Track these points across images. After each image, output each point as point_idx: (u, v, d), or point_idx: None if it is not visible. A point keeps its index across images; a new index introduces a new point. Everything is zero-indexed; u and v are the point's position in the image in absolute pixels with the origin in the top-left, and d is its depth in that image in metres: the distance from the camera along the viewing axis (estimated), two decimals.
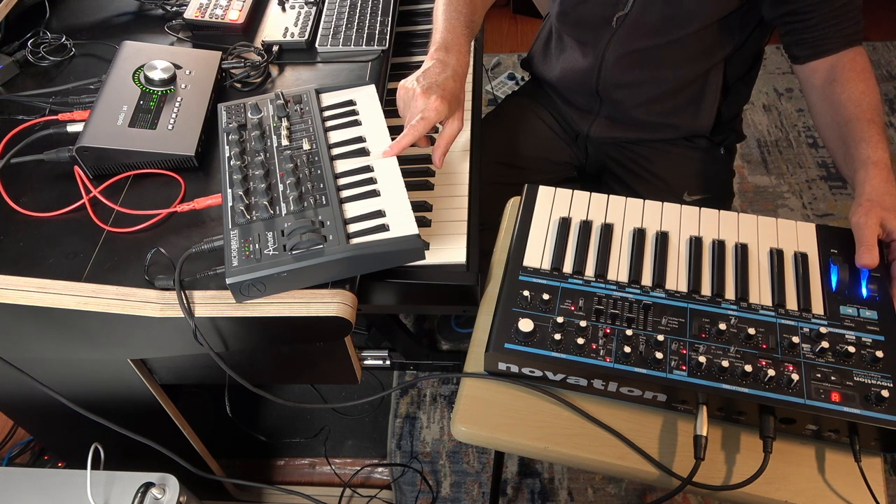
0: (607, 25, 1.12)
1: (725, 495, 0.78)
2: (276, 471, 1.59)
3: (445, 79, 0.93)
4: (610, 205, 0.96)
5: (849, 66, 0.98)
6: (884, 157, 0.89)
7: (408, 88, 0.93)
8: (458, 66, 0.96)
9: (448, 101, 0.90)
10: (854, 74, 0.97)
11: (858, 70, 0.97)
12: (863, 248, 0.83)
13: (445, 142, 0.93)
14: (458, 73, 0.95)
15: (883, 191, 0.85)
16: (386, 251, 0.79)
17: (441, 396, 1.70)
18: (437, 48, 0.98)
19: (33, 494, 0.84)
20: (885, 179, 0.86)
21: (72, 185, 0.92)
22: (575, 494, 1.52)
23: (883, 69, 2.49)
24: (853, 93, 0.95)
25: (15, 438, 1.56)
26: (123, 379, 0.99)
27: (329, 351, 0.93)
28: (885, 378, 0.77)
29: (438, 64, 0.95)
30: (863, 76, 0.97)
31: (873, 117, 0.92)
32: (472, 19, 1.05)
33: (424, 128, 0.89)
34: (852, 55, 0.99)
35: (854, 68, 0.97)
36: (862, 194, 0.86)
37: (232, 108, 0.98)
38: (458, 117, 0.94)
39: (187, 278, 0.82)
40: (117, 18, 1.25)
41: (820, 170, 2.19)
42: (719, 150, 1.25)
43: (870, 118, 0.92)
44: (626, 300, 0.84)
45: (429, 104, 0.89)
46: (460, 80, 0.96)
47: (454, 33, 1.00)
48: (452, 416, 0.87)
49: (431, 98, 0.89)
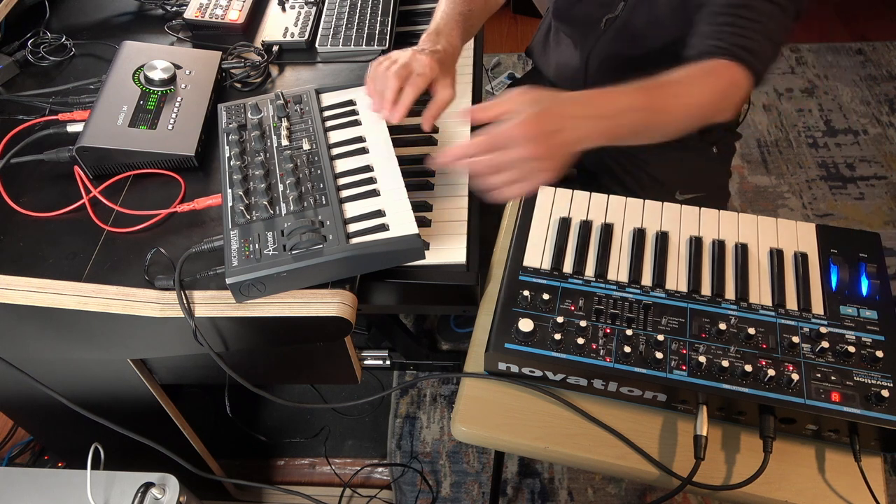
0: (596, 26, 1.13)
1: (725, 495, 0.78)
2: (276, 471, 1.59)
3: (435, 48, 0.95)
4: (610, 205, 0.96)
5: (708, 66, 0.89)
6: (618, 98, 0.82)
7: (388, 55, 0.95)
8: (448, 47, 0.98)
9: (437, 61, 0.93)
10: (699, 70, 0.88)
11: (707, 71, 0.87)
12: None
13: (437, 106, 0.94)
14: (448, 52, 0.97)
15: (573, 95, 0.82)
16: (386, 251, 0.79)
17: (441, 396, 1.70)
18: (429, 34, 1.00)
19: (33, 494, 0.84)
20: (596, 93, 0.82)
21: (72, 185, 0.92)
22: (575, 494, 1.52)
23: (883, 69, 2.49)
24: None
25: (15, 438, 1.56)
26: (123, 379, 0.99)
27: (329, 351, 0.93)
28: (885, 378, 0.77)
29: (430, 42, 0.98)
30: (703, 76, 0.87)
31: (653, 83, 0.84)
32: (468, 12, 1.06)
33: (423, 83, 0.91)
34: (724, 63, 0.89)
35: (705, 69, 0.88)
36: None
37: (232, 108, 0.98)
38: (450, 84, 0.95)
39: (187, 278, 0.82)
40: (117, 18, 1.25)
41: (820, 170, 2.19)
42: (711, 148, 1.25)
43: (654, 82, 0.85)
44: (626, 300, 0.84)
45: (421, 62, 0.92)
46: (450, 57, 0.98)
47: (447, 21, 1.02)
48: (452, 416, 0.86)
49: (422, 56, 0.92)
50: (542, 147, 0.76)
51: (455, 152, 0.81)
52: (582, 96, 0.81)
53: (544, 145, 0.76)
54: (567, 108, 0.79)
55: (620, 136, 0.82)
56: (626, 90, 0.82)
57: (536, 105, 0.78)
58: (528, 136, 0.76)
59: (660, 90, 0.83)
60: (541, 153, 0.77)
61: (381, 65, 0.95)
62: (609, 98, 0.82)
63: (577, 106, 0.80)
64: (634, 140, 0.86)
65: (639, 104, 0.82)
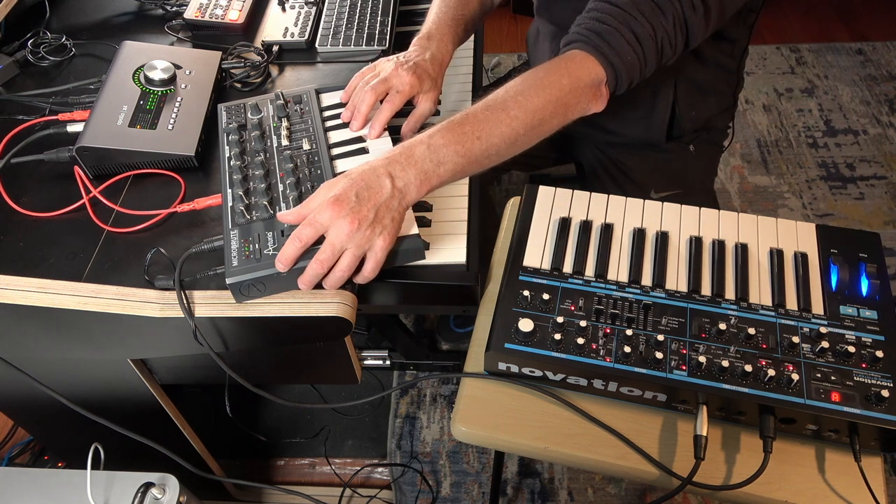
0: (567, 28, 1.12)
1: (725, 495, 0.78)
2: (276, 471, 1.59)
3: (422, 59, 0.96)
4: (610, 205, 0.96)
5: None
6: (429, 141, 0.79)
7: (372, 66, 0.97)
8: (438, 53, 0.99)
9: (419, 77, 0.94)
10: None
11: (550, 69, 0.86)
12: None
13: (415, 119, 0.96)
14: (436, 58, 0.98)
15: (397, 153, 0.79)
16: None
17: (441, 396, 1.70)
18: (420, 37, 1.01)
19: (33, 494, 0.84)
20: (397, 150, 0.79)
21: (72, 185, 0.92)
22: (575, 494, 1.52)
23: (883, 69, 2.49)
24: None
25: (15, 438, 1.56)
26: (123, 379, 0.99)
27: (329, 351, 0.93)
28: (885, 378, 0.77)
29: (419, 49, 0.99)
30: (544, 76, 0.85)
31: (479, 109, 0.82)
32: (461, 16, 1.06)
33: (400, 101, 0.93)
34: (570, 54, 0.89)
35: (549, 67, 0.87)
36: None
37: (232, 108, 0.98)
38: (431, 98, 0.97)
39: (187, 278, 0.82)
40: (117, 18, 1.25)
41: (820, 170, 2.19)
42: (688, 147, 1.24)
43: (479, 108, 0.83)
44: (626, 300, 0.84)
45: (401, 79, 0.93)
46: (438, 64, 0.98)
47: (438, 25, 1.03)
48: (452, 416, 0.87)
49: (401, 72, 0.93)
50: (357, 216, 0.74)
51: (286, 258, 0.76)
52: (388, 153, 0.79)
53: (358, 214, 0.74)
54: (367, 173, 0.77)
55: (444, 179, 0.80)
56: (437, 132, 0.80)
57: (330, 188, 0.76)
58: (335, 216, 0.74)
59: (472, 123, 0.80)
60: (359, 222, 0.74)
61: (362, 77, 0.97)
62: (415, 146, 0.79)
63: (383, 163, 0.78)
64: (465, 174, 0.83)
65: (451, 148, 0.79)
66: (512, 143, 0.83)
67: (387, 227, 0.76)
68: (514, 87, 0.84)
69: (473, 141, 0.80)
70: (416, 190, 0.78)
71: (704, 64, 1.12)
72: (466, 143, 0.79)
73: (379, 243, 0.76)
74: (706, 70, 1.13)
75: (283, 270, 0.76)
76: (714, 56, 1.11)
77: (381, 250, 0.77)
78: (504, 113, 0.82)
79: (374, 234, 0.76)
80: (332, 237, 0.74)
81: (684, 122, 1.17)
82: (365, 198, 0.75)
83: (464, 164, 0.80)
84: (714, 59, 1.12)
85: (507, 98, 0.83)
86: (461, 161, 0.80)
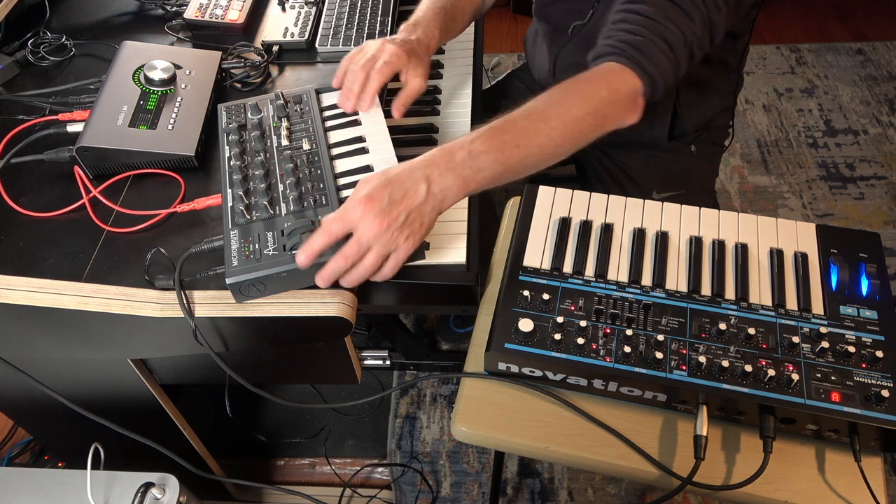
0: (565, 31, 1.13)
1: (725, 495, 0.78)
2: (276, 471, 1.59)
3: (409, 38, 0.98)
4: (610, 205, 0.96)
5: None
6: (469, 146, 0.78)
7: (360, 47, 0.98)
8: (425, 37, 1.00)
9: (407, 52, 0.95)
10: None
11: (589, 79, 0.86)
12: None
13: (406, 95, 0.97)
14: (422, 41, 0.99)
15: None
16: None
17: (441, 396, 1.70)
18: (408, 23, 1.03)
19: (33, 494, 0.84)
20: (440, 150, 0.78)
21: (72, 185, 0.92)
22: (575, 494, 1.52)
23: (883, 69, 2.49)
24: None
25: (15, 438, 1.56)
26: (123, 379, 0.99)
27: (329, 351, 0.93)
28: (885, 378, 0.77)
29: (406, 32, 1.00)
30: (582, 87, 0.85)
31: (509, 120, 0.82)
32: (450, 6, 1.07)
33: (389, 70, 0.94)
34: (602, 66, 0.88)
35: (587, 78, 0.86)
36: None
37: (232, 109, 0.98)
38: (420, 74, 0.97)
39: (187, 278, 0.82)
40: (117, 18, 1.25)
41: (820, 170, 2.19)
42: (689, 147, 1.24)
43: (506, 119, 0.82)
44: (626, 300, 0.84)
45: (388, 51, 0.94)
46: (424, 47, 0.99)
47: (425, 14, 1.04)
48: (452, 416, 0.86)
49: (388, 46, 0.95)
50: (387, 218, 0.74)
51: (311, 250, 0.75)
52: (428, 155, 0.79)
53: (388, 216, 0.74)
54: (404, 174, 0.76)
55: (482, 186, 0.80)
56: (477, 138, 0.79)
57: (366, 186, 0.76)
58: (366, 214, 0.73)
59: (512, 131, 0.80)
60: (388, 224, 0.74)
61: (352, 59, 0.97)
62: (455, 151, 0.78)
63: (422, 165, 0.77)
64: (499, 182, 0.82)
65: (491, 155, 0.78)
66: (549, 154, 0.82)
67: (415, 232, 0.76)
68: (554, 98, 0.84)
69: (513, 149, 0.79)
70: (455, 196, 0.78)
71: (707, 61, 1.12)
72: (506, 151, 0.79)
73: (404, 246, 0.76)
74: (708, 68, 1.13)
75: (304, 264, 0.75)
76: (717, 53, 1.11)
77: (405, 252, 0.77)
78: (544, 123, 0.81)
79: (401, 235, 0.75)
80: (360, 234, 0.74)
81: (685, 121, 1.17)
82: (398, 200, 0.74)
83: (501, 171, 0.80)
84: (717, 55, 1.12)
85: (547, 108, 0.82)
86: (499, 169, 0.79)
